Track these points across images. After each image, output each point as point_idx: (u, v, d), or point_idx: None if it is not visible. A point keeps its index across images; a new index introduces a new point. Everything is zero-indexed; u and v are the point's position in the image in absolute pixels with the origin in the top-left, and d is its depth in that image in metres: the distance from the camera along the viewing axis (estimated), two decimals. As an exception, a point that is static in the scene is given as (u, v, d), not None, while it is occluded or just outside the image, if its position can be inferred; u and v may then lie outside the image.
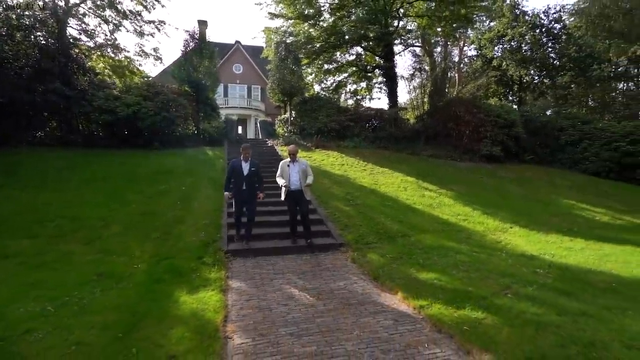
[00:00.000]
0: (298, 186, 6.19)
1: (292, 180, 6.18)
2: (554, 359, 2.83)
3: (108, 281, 4.60)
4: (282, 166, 6.37)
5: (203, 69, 14.97)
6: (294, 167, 6.26)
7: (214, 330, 3.40)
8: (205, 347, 3.11)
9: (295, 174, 6.22)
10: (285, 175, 6.25)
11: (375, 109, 18.98)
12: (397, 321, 3.67)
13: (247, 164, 6.14)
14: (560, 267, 5.16)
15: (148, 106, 12.44)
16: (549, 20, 23.45)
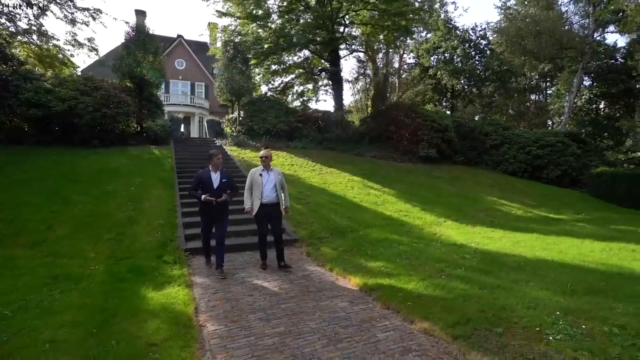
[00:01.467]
0: (273, 198, 5.21)
1: (265, 194, 5.17)
2: (475, 321, 3.56)
3: (65, 283, 4.55)
4: (253, 177, 5.23)
5: (147, 64, 14.42)
6: (268, 177, 5.21)
7: (187, 320, 3.65)
8: (183, 334, 3.36)
9: (269, 186, 5.20)
10: (257, 187, 5.16)
11: (322, 111, 19.73)
12: (352, 302, 4.22)
13: (217, 175, 5.19)
14: (483, 252, 6.14)
15: (86, 101, 11.76)
16: (476, 36, 26.07)
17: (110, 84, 13.33)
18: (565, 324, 3.51)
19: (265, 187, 5.19)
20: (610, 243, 7.02)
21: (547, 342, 3.22)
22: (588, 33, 25.46)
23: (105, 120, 12.10)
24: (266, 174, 5.25)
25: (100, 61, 17.91)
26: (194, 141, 17.09)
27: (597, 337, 3.27)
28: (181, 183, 9.47)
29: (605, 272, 5.25)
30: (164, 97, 25.73)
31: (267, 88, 23.99)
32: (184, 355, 3.01)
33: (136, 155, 11.38)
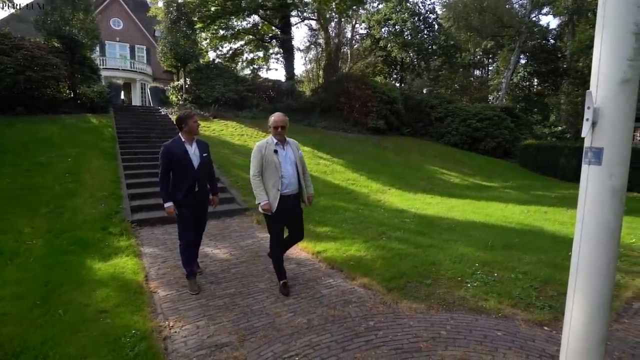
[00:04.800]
0: (295, 188, 3.59)
1: (287, 180, 3.50)
2: (409, 274, 4.02)
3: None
4: (264, 155, 3.47)
5: (77, 23, 13.05)
6: (285, 155, 3.54)
7: (138, 287, 3.71)
8: (134, 300, 3.43)
9: (289, 168, 3.54)
10: (273, 170, 3.46)
11: (273, 80, 19.37)
12: (299, 264, 4.51)
13: (193, 147, 3.72)
14: (421, 216, 6.72)
15: (5, 62, 10.51)
16: (426, 10, 26.56)
17: (33, 43, 11.95)
18: (482, 273, 4.09)
19: (285, 169, 3.49)
20: (529, 206, 8.00)
21: (466, 289, 3.75)
22: (525, 13, 27.06)
23: (31, 84, 10.97)
24: (282, 150, 3.52)
25: (16, 15, 15.88)
26: (136, 109, 16.07)
27: (505, 282, 3.87)
28: (124, 154, 9.05)
29: (520, 230, 6.05)
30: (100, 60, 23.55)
31: (215, 54, 22.91)
32: (136, 319, 3.11)
33: (71, 124, 10.55)
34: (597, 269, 1.19)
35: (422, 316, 3.27)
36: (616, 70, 1.07)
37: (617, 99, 1.09)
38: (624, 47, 1.05)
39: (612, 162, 1.12)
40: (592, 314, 1.21)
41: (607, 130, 1.11)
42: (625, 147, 1.10)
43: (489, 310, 3.38)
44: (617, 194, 1.14)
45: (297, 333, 2.99)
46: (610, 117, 1.10)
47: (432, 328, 3.06)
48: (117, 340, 2.78)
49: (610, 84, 1.09)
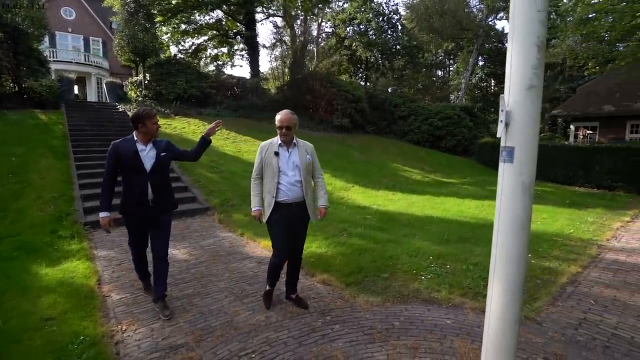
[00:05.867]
0: (297, 196, 3.18)
1: (283, 187, 3.13)
2: (367, 269, 4.14)
3: None
4: (264, 157, 3.22)
5: (21, 11, 12.17)
6: (288, 158, 3.18)
7: (89, 292, 3.56)
8: (84, 305, 3.30)
9: (291, 173, 3.16)
10: (271, 174, 3.14)
11: (238, 77, 19.05)
12: (260, 263, 4.51)
13: (149, 148, 3.14)
14: (382, 213, 6.92)
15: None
16: (389, 10, 27.14)
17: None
18: (436, 266, 4.29)
19: (284, 174, 3.12)
20: (484, 201, 8.44)
21: (420, 281, 3.92)
22: (482, 17, 28.36)
23: (-31, 77, 10.13)
24: (285, 153, 3.16)
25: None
26: (91, 106, 15.26)
27: (456, 274, 4.09)
28: (77, 152, 8.58)
29: (474, 224, 6.38)
30: (50, 52, 22.07)
31: (177, 49, 22.17)
32: (86, 325, 2.99)
33: (16, 121, 9.85)
34: (510, 257, 1.31)
35: (378, 309, 3.39)
36: (524, 78, 1.19)
37: (525, 103, 1.20)
38: (529, 57, 1.17)
39: (522, 160, 1.24)
40: (507, 298, 1.34)
41: (517, 131, 1.23)
42: (532, 147, 1.22)
43: (441, 300, 3.56)
44: (527, 189, 1.27)
45: (254, 330, 3.01)
46: (520, 120, 1.22)
47: (386, 320, 3.19)
48: (63, 348, 2.67)
49: (519, 90, 1.21)
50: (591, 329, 3.13)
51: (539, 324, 3.19)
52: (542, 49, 1.17)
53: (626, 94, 17.42)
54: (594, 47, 16.24)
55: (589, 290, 3.87)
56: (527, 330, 3.09)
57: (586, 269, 4.46)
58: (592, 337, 3.00)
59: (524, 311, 3.37)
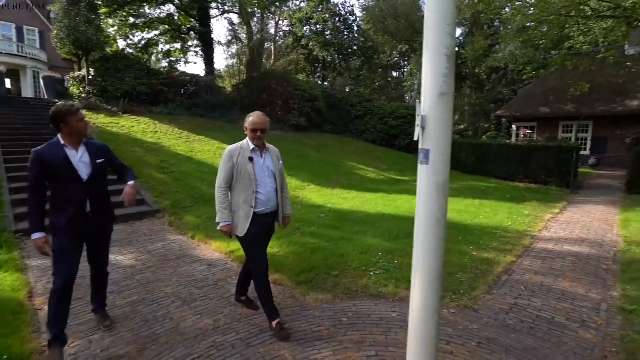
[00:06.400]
0: (273, 205, 2.99)
1: (262, 195, 2.89)
2: (319, 268, 4.20)
3: None
4: (236, 163, 2.85)
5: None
6: (263, 164, 2.95)
7: (18, 306, 3.30)
8: (11, 320, 3.04)
9: (267, 178, 2.94)
10: (246, 182, 2.85)
11: (191, 74, 18.42)
12: (211, 265, 4.43)
13: (80, 153, 2.67)
14: (336, 211, 7.04)
15: None
16: (346, 11, 27.56)
17: None
18: (385, 262, 4.45)
19: (261, 182, 2.88)
20: (432, 197, 8.85)
21: (369, 277, 4.05)
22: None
23: None
24: (259, 159, 2.92)
25: None
26: (26, 102, 14.02)
27: (403, 268, 4.27)
28: (8, 154, 7.87)
29: (422, 220, 6.67)
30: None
31: (126, 44, 20.97)
32: (11, 342, 2.77)
33: None
34: (428, 251, 1.42)
35: (327, 306, 3.46)
36: (436, 85, 1.29)
37: (437, 108, 1.30)
38: (440, 66, 1.27)
39: (437, 162, 1.34)
40: (427, 290, 1.44)
41: (432, 135, 1.33)
42: (446, 149, 1.33)
43: (387, 294, 3.70)
44: (441, 188, 1.37)
45: (202, 335, 2.95)
46: (434, 124, 1.32)
47: (335, 316, 3.26)
48: (-17, 368, 2.45)
49: (432, 96, 1.30)
50: (520, 312, 3.41)
51: (476, 312, 3.42)
52: (452, 59, 1.27)
53: (558, 97, 19.06)
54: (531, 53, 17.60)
55: (521, 278, 4.21)
56: (465, 318, 3.30)
57: (520, 259, 4.84)
58: (520, 320, 3.27)
59: (463, 300, 3.60)
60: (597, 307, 3.54)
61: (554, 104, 19.13)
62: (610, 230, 6.40)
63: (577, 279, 4.18)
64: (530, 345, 2.89)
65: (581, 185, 11.97)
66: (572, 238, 5.86)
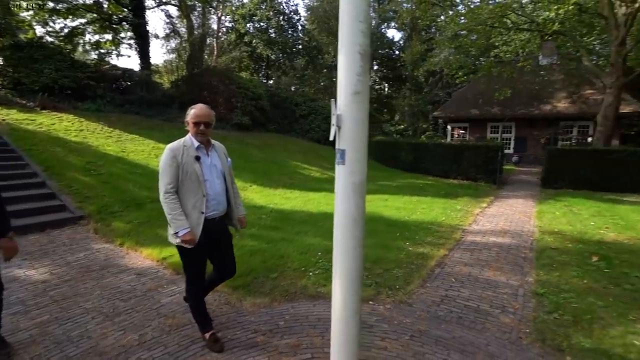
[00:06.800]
0: (224, 208, 2.77)
1: (212, 198, 2.65)
2: (257, 271, 4.09)
3: None
4: (181, 162, 2.55)
5: None
6: (210, 163, 2.69)
7: None
8: None
9: (216, 178, 2.69)
10: (194, 183, 2.57)
11: (124, 68, 17.10)
12: (140, 275, 4.10)
13: None
14: (278, 211, 6.94)
15: None
16: (290, 10, 27.45)
17: None
18: (325, 261, 4.45)
19: (210, 183, 2.64)
20: (373, 195, 9.10)
21: (308, 278, 4.02)
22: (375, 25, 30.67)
23: None
24: (206, 157, 2.66)
25: None
26: None
27: (343, 267, 4.30)
28: None
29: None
30: None
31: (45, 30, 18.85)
32: None
33: None
34: (347, 251, 1.40)
35: (264, 310, 3.36)
36: (350, 84, 1.27)
37: (352, 107, 1.29)
38: (354, 65, 1.25)
39: (353, 161, 1.33)
40: (347, 289, 1.43)
41: (348, 134, 1.31)
42: (362, 148, 1.32)
43: (326, 294, 3.69)
44: (358, 188, 1.36)
45: (124, 353, 2.70)
46: (349, 123, 1.30)
47: (271, 321, 3.18)
48: None
49: (347, 95, 1.29)
50: (450, 303, 3.60)
51: (410, 306, 3.54)
52: (365, 57, 1.26)
53: (486, 100, 20.71)
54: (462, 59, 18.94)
55: (452, 270, 4.46)
56: (400, 313, 3.40)
57: (451, 252, 5.13)
58: (450, 311, 3.45)
59: (398, 296, 3.71)
60: (515, 293, 3.85)
61: (482, 107, 20.77)
62: (528, 221, 7.06)
63: (500, 268, 4.53)
64: (457, 334, 3.06)
65: (505, 181, 13.11)
66: (496, 230, 6.37)
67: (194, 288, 2.79)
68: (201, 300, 2.84)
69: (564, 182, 11.28)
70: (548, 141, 18.43)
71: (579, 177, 11.19)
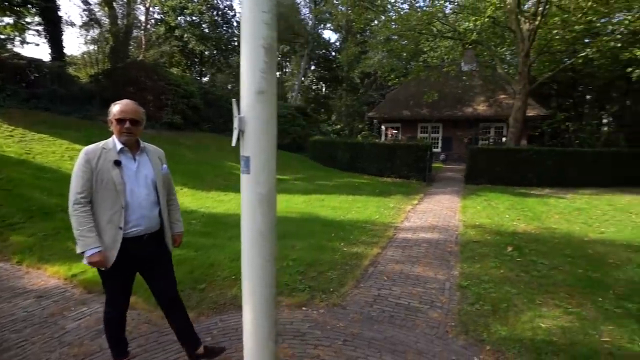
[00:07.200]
0: (153, 225, 2.33)
1: (133, 211, 2.23)
2: (184, 282, 3.77)
3: None
4: (98, 168, 2.14)
5: None
6: (136, 170, 2.28)
7: None
8: None
9: (143, 188, 2.27)
10: (107, 193, 2.16)
11: (30, 58, 15.06)
12: (41, 297, 3.55)
13: None
14: (209, 216, 6.58)
15: None
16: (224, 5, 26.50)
17: None
18: (258, 267, 4.27)
19: (133, 193, 2.23)
20: (310, 195, 9.09)
21: (238, 287, 3.81)
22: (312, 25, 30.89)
23: None
24: (131, 162, 2.27)
25: None
26: None
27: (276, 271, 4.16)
28: None
29: (299, 218, 6.76)
30: None
31: None
32: None
33: None
34: (254, 270, 1.28)
35: (189, 326, 3.09)
36: (254, 82, 1.15)
37: (255, 108, 1.17)
38: (257, 60, 1.13)
39: (258, 170, 1.20)
40: (258, 312, 1.30)
41: (251, 139, 1.19)
42: (268, 155, 1.20)
43: (258, 302, 3.52)
44: (265, 200, 1.24)
45: (13, 394, 2.28)
46: (253, 127, 1.18)
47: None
48: None
49: (250, 94, 1.16)
50: (382, 302, 3.65)
51: (344, 308, 3.52)
52: (270, 52, 1.14)
53: (417, 102, 21.94)
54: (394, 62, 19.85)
55: (384, 268, 4.56)
56: (334, 317, 3.35)
57: (384, 250, 5.26)
58: (382, 311, 3.49)
59: (332, 299, 3.67)
60: (443, 287, 4.04)
61: (413, 108, 21.99)
62: (453, 216, 7.55)
63: (429, 264, 4.74)
64: (389, 334, 3.09)
65: (434, 178, 13.99)
66: (426, 226, 6.70)
67: (112, 309, 2.39)
68: (118, 324, 2.44)
69: (484, 178, 12.34)
70: (470, 141, 20.10)
71: (496, 173, 12.32)
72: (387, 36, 18.92)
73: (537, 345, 2.90)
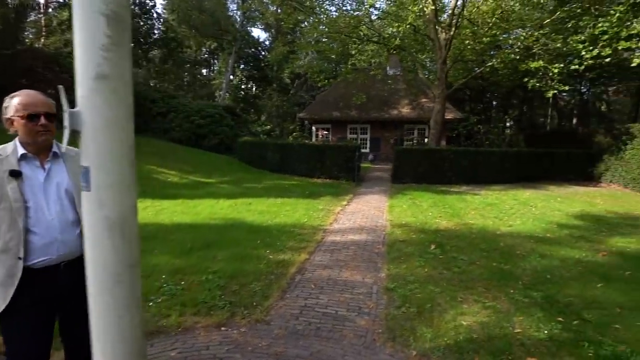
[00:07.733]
0: (71, 251, 1.68)
1: (42, 234, 1.62)
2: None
3: None
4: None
5: None
6: (48, 179, 1.68)
7: None
8: None
9: (53, 205, 1.66)
10: (4, 211, 1.56)
11: None
12: None
13: None
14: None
15: None
16: (141, -6, 24.33)
17: None
18: (171, 284, 3.78)
19: (38, 212, 1.63)
20: (237, 199, 8.61)
21: (148, 309, 3.31)
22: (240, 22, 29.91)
23: None
24: (38, 170, 1.68)
25: None
26: None
27: (192, 288, 3.72)
28: None
29: (223, 225, 6.29)
30: None
31: None
32: None
33: None
34: (108, 326, 0.91)
35: (76, 367, 2.55)
36: (91, 63, 0.81)
37: (95, 101, 0.83)
38: (95, 33, 0.79)
39: (102, 186, 0.84)
40: None
41: (91, 143, 0.84)
42: (116, 165, 0.85)
43: (169, 327, 3.07)
44: (114, 228, 0.88)
45: None
46: (92, 124, 0.84)
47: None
48: None
49: (86, 81, 0.82)
50: (309, 314, 3.43)
51: (268, 324, 3.23)
52: (117, 23, 0.82)
53: (346, 104, 22.41)
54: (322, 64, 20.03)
55: (312, 275, 4.36)
56: (256, 335, 3.05)
57: (312, 255, 5.07)
58: (308, 323, 3.27)
59: (255, 314, 3.36)
60: (370, 291, 3.96)
61: (343, 109, 22.43)
62: (381, 216, 7.69)
63: (357, 267, 4.66)
64: (316, 348, 2.88)
65: (363, 178, 14.33)
66: (354, 227, 6.69)
67: None
68: None
69: (409, 177, 12.96)
70: (396, 141, 21.11)
71: (419, 172, 13.02)
72: (316, 38, 19.03)
73: (459, 345, 2.92)
